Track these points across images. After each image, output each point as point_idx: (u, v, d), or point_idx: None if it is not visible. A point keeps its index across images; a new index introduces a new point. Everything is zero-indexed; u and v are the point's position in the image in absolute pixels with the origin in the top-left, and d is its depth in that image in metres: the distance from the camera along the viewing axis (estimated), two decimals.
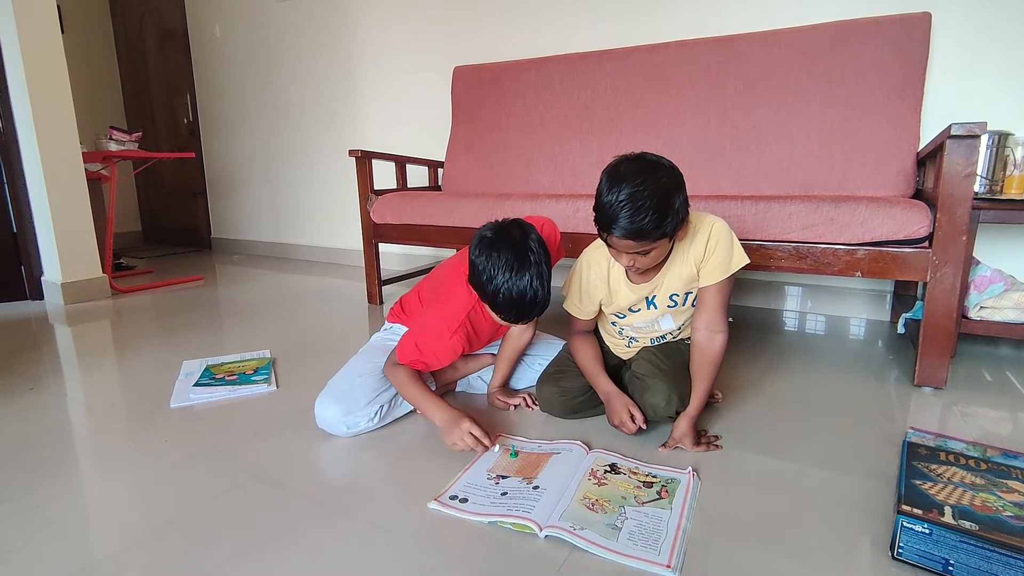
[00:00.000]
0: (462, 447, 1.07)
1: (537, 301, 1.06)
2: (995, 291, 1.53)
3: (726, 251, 1.07)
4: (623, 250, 1.00)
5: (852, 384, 1.48)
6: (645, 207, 0.92)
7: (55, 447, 1.19)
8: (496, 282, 1.04)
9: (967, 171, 1.28)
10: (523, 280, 1.03)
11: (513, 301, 1.05)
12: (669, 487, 0.98)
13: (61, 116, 2.48)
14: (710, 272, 1.09)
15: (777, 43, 1.98)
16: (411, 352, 1.17)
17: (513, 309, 1.07)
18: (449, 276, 1.27)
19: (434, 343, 1.16)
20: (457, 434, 1.08)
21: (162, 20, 4.05)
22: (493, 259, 1.05)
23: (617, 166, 0.98)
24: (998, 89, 1.80)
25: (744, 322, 2.11)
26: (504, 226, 1.09)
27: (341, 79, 3.29)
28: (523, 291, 1.04)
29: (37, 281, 2.61)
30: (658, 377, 1.14)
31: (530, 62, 2.48)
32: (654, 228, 0.94)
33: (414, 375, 1.18)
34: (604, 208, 0.96)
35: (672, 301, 1.15)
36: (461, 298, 1.18)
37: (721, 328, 1.11)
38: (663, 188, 0.94)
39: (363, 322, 2.19)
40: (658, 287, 1.14)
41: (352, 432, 1.19)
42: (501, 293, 1.04)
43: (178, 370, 1.62)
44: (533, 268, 1.04)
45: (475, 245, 1.09)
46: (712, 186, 2.02)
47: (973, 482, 0.86)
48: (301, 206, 3.68)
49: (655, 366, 1.17)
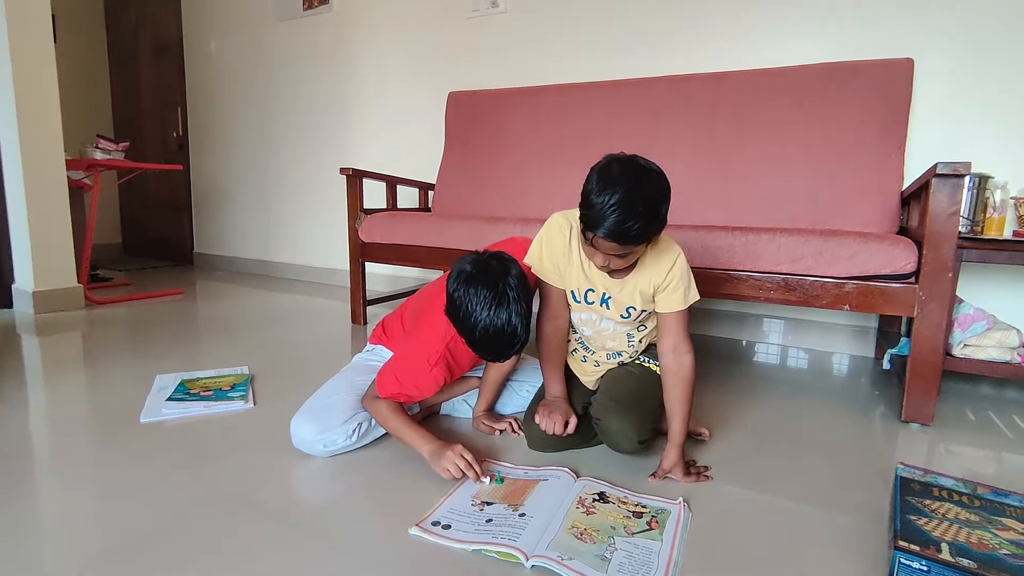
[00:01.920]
0: (454, 472, 1.03)
1: (515, 341, 1.01)
2: (978, 329, 1.54)
3: (686, 286, 1.11)
4: (604, 251, 0.99)
5: (839, 419, 1.47)
6: (636, 213, 0.92)
7: (12, 461, 1.12)
8: (473, 319, 0.99)
9: (952, 209, 1.31)
10: (500, 318, 0.98)
11: (490, 340, 1.00)
12: (659, 518, 0.95)
13: (47, 122, 2.44)
14: (670, 302, 1.11)
15: (766, 81, 2.03)
16: (392, 385, 1.12)
17: (490, 349, 1.02)
18: (431, 301, 1.22)
19: (415, 375, 1.12)
20: (449, 458, 1.03)
21: (158, 34, 4.05)
22: (471, 295, 0.99)
23: (608, 166, 0.96)
24: (979, 133, 1.86)
25: (728, 355, 2.11)
26: (483, 259, 1.04)
27: (334, 99, 3.30)
28: (500, 330, 0.98)
29: (8, 289, 2.52)
30: (608, 416, 1.13)
31: (525, 90, 2.52)
32: (640, 234, 0.94)
33: (396, 407, 1.14)
34: (593, 208, 0.94)
35: (627, 312, 1.15)
36: (440, 328, 1.12)
37: (687, 349, 1.12)
38: (654, 195, 0.94)
39: (346, 342, 2.14)
40: (621, 290, 1.13)
41: (329, 451, 1.15)
42: (478, 331, 0.99)
43: (151, 384, 1.56)
44: (512, 305, 0.99)
45: (453, 279, 1.03)
46: (702, 217, 2.04)
47: (968, 519, 0.85)
48: (288, 224, 3.64)
49: (604, 406, 1.15)
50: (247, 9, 3.58)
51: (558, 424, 1.16)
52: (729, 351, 2.16)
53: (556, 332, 1.23)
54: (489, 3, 2.72)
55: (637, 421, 1.12)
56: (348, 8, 3.17)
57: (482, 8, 2.74)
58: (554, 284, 1.18)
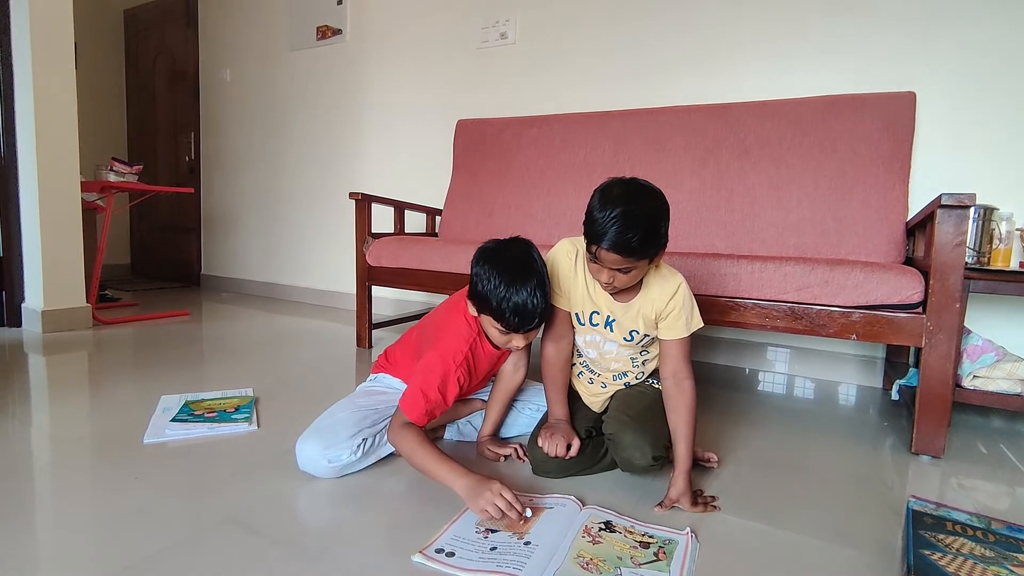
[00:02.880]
0: (493, 512, 0.95)
1: (539, 305, 1.06)
2: (987, 360, 1.53)
3: (688, 313, 1.14)
4: (607, 264, 1.02)
5: (848, 450, 1.45)
6: (635, 225, 0.96)
7: (13, 480, 1.12)
8: (499, 287, 1.05)
9: (958, 240, 1.31)
10: (526, 285, 1.04)
11: (516, 304, 1.04)
12: (667, 548, 0.93)
13: (65, 145, 2.49)
14: (676, 329, 1.14)
15: (770, 113, 2.06)
16: (419, 401, 1.09)
17: (516, 312, 1.05)
18: (447, 315, 1.24)
19: (444, 379, 1.12)
20: (488, 497, 0.96)
21: (175, 62, 4.17)
22: (496, 267, 1.06)
23: (609, 187, 1.02)
24: (983, 165, 1.88)
25: (734, 383, 2.09)
26: (505, 241, 1.13)
27: (344, 126, 3.37)
28: (526, 296, 1.04)
29: (17, 308, 2.54)
30: (622, 430, 1.14)
31: (532, 119, 2.57)
32: (640, 246, 0.98)
33: (423, 438, 1.08)
34: (596, 222, 0.99)
35: (630, 335, 1.17)
36: (462, 332, 1.17)
37: (686, 375, 1.14)
38: (653, 211, 0.99)
39: (351, 365, 2.14)
40: (625, 314, 1.15)
41: (334, 467, 1.14)
42: (505, 297, 1.04)
43: (155, 405, 1.56)
44: (535, 276, 1.06)
45: (477, 258, 1.10)
46: (707, 245, 2.05)
47: (983, 554, 0.83)
48: (295, 247, 3.67)
49: (618, 420, 1.17)
50: (262, 39, 3.69)
51: (560, 446, 1.16)
52: (735, 379, 2.14)
53: (559, 353, 1.24)
54: (498, 35, 2.79)
55: (652, 435, 1.12)
56: (360, 38, 3.26)
57: (491, 40, 2.81)
58: (560, 306, 1.21)
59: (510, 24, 2.75)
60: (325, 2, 3.35)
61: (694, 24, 2.31)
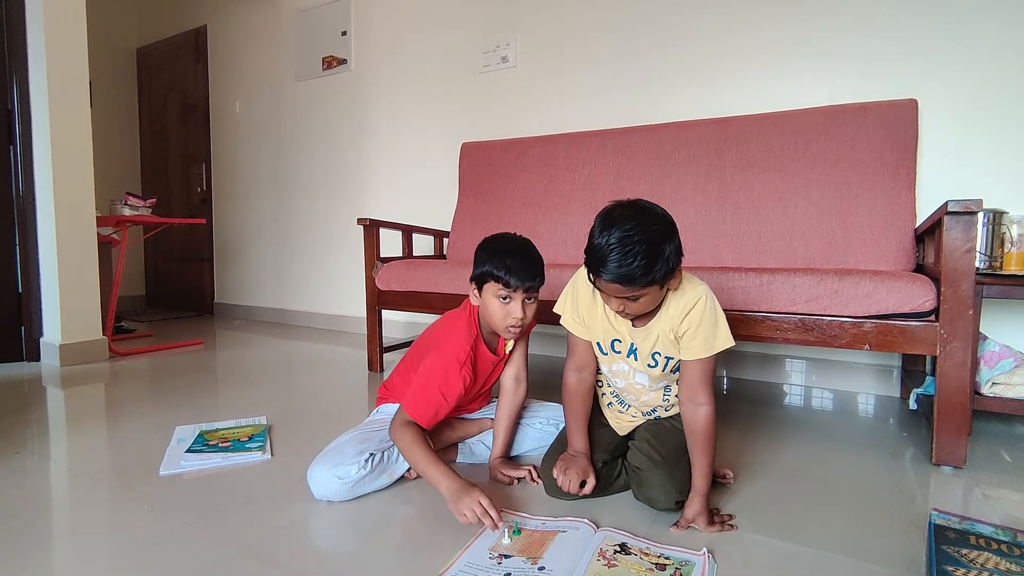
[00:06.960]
0: (470, 517, 1.01)
1: (535, 264, 1.18)
2: (1006, 367, 1.51)
3: (710, 330, 1.06)
4: (612, 294, 0.99)
5: (868, 462, 1.43)
6: (634, 252, 0.91)
7: (33, 514, 1.13)
8: (497, 250, 1.18)
9: (967, 246, 1.30)
10: (524, 250, 1.19)
11: (514, 256, 1.16)
12: (683, 570, 0.92)
13: (80, 182, 2.56)
14: (693, 349, 1.07)
15: (772, 125, 2.07)
16: (420, 401, 1.17)
17: (515, 259, 1.16)
18: (444, 328, 1.31)
19: (446, 377, 1.17)
20: (467, 503, 1.01)
21: (186, 96, 4.28)
22: (496, 242, 1.22)
23: (611, 211, 0.98)
24: (990, 169, 1.87)
25: (750, 396, 2.07)
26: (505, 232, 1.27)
27: (351, 152, 3.43)
28: (523, 255, 1.18)
29: (36, 342, 2.59)
30: (652, 469, 1.12)
31: (535, 139, 2.59)
32: (642, 274, 0.93)
33: (420, 438, 1.14)
34: (594, 250, 0.96)
35: (653, 360, 1.13)
36: (462, 332, 1.24)
37: (703, 400, 1.07)
38: (654, 235, 0.93)
39: (363, 389, 2.15)
40: (645, 339, 1.11)
41: (346, 483, 1.15)
42: (504, 252, 1.17)
43: (171, 436, 1.57)
44: (532, 250, 1.21)
45: (478, 247, 1.23)
46: (715, 258, 2.05)
47: (1009, 569, 0.81)
48: (306, 273, 3.72)
49: (649, 457, 1.14)
50: (269, 71, 3.78)
51: (574, 483, 1.14)
52: (751, 393, 2.11)
53: (582, 383, 1.22)
54: (499, 59, 2.84)
55: (680, 481, 1.10)
56: (365, 67, 3.33)
57: (492, 64, 2.86)
58: (578, 335, 1.19)
59: (511, 48, 2.80)
60: (330, 33, 3.43)
61: (695, 36, 2.34)
